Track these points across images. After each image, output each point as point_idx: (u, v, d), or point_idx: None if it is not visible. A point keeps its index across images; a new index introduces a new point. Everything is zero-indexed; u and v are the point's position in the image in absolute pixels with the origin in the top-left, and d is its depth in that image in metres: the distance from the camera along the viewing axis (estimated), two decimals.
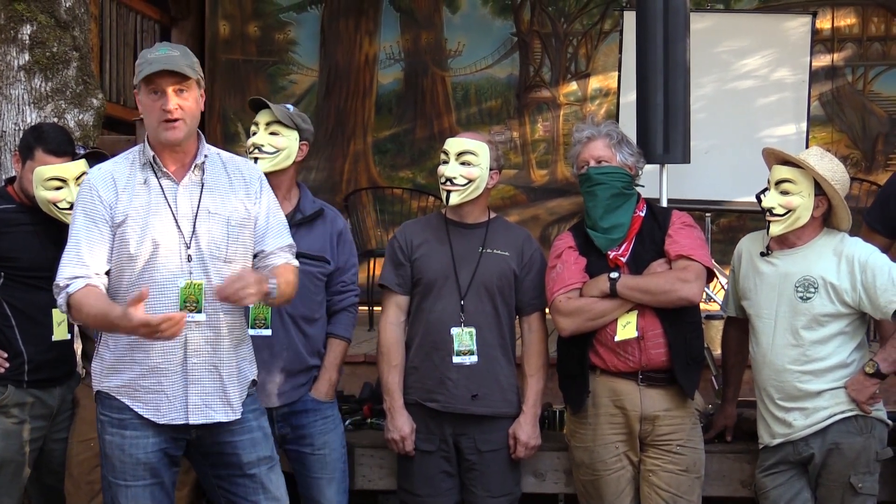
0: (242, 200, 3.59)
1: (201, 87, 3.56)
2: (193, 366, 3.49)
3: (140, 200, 3.51)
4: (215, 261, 3.51)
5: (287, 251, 3.68)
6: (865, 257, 4.04)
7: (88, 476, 4.24)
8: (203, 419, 3.52)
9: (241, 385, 3.60)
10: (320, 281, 4.23)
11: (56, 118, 5.07)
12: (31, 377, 4.20)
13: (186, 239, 3.50)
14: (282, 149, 4.19)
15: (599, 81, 8.93)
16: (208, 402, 3.52)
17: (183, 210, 3.52)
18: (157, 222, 3.49)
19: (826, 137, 8.57)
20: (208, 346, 3.51)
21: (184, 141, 3.51)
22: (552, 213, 8.97)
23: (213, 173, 3.60)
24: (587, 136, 4.23)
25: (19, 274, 4.17)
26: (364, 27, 9.12)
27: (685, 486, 4.14)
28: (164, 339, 3.29)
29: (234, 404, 3.56)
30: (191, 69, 3.48)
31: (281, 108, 4.24)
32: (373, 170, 9.12)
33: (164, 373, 3.48)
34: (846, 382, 4.05)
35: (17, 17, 5.13)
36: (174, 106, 3.44)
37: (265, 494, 3.63)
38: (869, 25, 8.70)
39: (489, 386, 4.22)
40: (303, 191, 4.32)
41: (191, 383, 3.50)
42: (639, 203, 4.24)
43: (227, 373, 3.54)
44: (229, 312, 3.54)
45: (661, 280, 4.07)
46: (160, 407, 3.50)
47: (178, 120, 3.46)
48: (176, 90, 3.46)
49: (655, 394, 4.12)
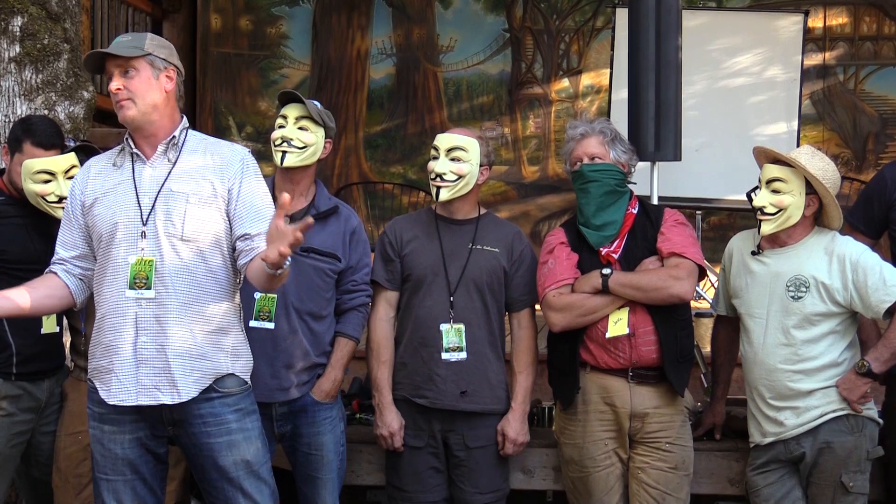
0: (211, 180, 3.55)
1: (162, 68, 3.57)
2: (143, 345, 3.46)
3: (110, 181, 3.58)
4: (171, 238, 3.48)
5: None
6: (857, 256, 4.05)
7: (76, 469, 4.22)
8: (150, 401, 3.47)
9: (201, 372, 3.51)
10: (330, 278, 4.18)
11: (47, 110, 5.05)
12: (19, 370, 4.18)
13: (144, 216, 3.51)
14: (310, 144, 4.16)
15: (591, 78, 8.94)
16: (157, 383, 3.47)
17: (146, 188, 3.54)
18: (120, 200, 3.54)
19: (817, 136, 8.58)
20: (157, 324, 3.47)
21: (140, 119, 3.54)
22: (543, 210, 8.98)
23: (188, 154, 3.60)
24: (581, 134, 4.23)
25: (8, 266, 4.14)
26: (356, 22, 9.11)
27: (674, 484, 4.14)
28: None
29: (182, 387, 3.47)
30: (134, 48, 3.53)
31: (312, 104, 4.21)
32: (364, 165, 9.11)
33: (116, 351, 3.48)
34: (837, 381, 4.06)
35: (7, 9, 5.11)
36: (115, 87, 3.52)
37: (245, 499, 3.59)
38: (861, 25, 8.72)
39: (478, 382, 4.22)
40: (319, 187, 4.29)
41: (140, 363, 3.47)
42: (631, 200, 4.25)
43: (174, 353, 3.47)
44: (184, 292, 3.49)
45: (653, 277, 4.07)
46: (111, 387, 3.49)
47: (126, 99, 3.52)
48: (121, 72, 3.53)
49: (645, 391, 4.12)
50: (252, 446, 3.61)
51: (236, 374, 3.60)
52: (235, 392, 3.59)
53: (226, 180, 3.57)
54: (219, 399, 3.55)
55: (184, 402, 3.49)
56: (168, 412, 3.51)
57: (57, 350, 4.37)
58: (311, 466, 4.19)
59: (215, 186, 3.55)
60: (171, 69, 3.61)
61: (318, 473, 4.19)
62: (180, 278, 3.46)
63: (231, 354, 3.60)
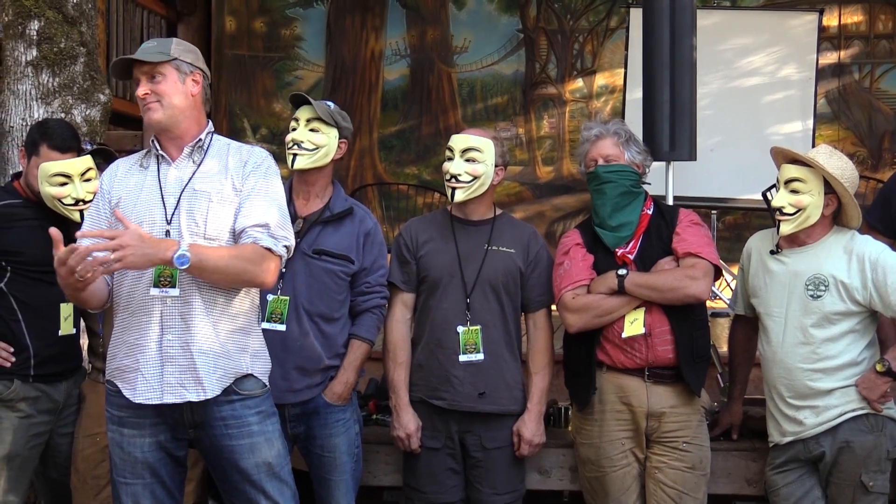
0: (232, 180, 3.58)
1: (188, 72, 3.62)
2: (168, 343, 3.47)
3: (135, 181, 3.61)
4: (195, 236, 3.49)
5: (260, 230, 3.52)
6: (876, 255, 4.03)
7: (94, 471, 4.24)
8: (176, 398, 3.48)
9: (224, 370, 3.51)
10: (342, 280, 4.17)
11: (63, 114, 5.07)
12: (37, 371, 4.20)
13: (168, 215, 3.52)
14: (321, 146, 4.16)
15: (605, 78, 8.93)
16: (182, 380, 3.48)
17: (170, 188, 3.56)
18: (145, 200, 3.56)
19: (832, 135, 8.57)
20: (182, 322, 3.48)
21: (166, 122, 3.57)
22: (557, 210, 8.98)
23: (212, 157, 3.63)
24: (595, 135, 4.23)
25: (25, 268, 4.17)
26: (370, 23, 9.13)
27: (691, 483, 4.14)
28: (71, 277, 3.26)
29: (207, 384, 3.48)
30: (160, 54, 3.57)
31: (322, 105, 4.21)
32: (378, 166, 9.12)
33: (141, 350, 3.48)
34: (857, 380, 4.04)
35: (25, 13, 5.14)
36: (143, 92, 3.56)
37: (267, 501, 3.59)
38: (876, 23, 8.69)
39: (495, 384, 4.22)
40: (336, 189, 4.29)
41: (166, 361, 3.48)
42: (646, 201, 4.25)
43: (198, 350, 3.47)
44: (209, 290, 3.50)
45: (670, 277, 4.07)
46: (136, 386, 3.50)
47: (154, 102, 3.56)
48: (148, 77, 3.57)
49: (662, 391, 4.12)
50: (273, 448, 3.62)
51: (255, 376, 3.61)
52: (256, 394, 3.60)
53: (241, 178, 3.59)
54: (240, 401, 3.56)
55: (206, 403, 3.50)
56: (189, 414, 3.52)
57: (74, 352, 4.39)
58: (325, 468, 4.20)
59: (234, 186, 3.57)
60: (198, 73, 3.65)
61: (331, 475, 4.19)
62: None
63: (252, 355, 3.61)
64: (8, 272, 4.17)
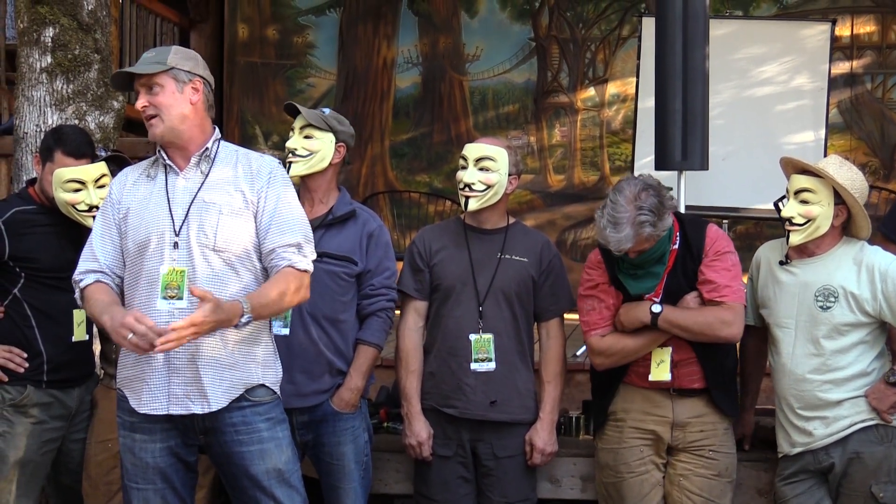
0: (243, 191, 3.58)
1: (187, 80, 3.59)
2: (175, 354, 3.46)
3: (142, 192, 3.61)
4: (203, 248, 3.50)
5: (293, 250, 3.57)
6: (886, 266, 4.03)
7: (106, 477, 4.25)
8: (181, 410, 3.50)
9: (231, 381, 3.52)
10: (345, 281, 4.17)
11: (77, 120, 5.09)
12: (50, 377, 4.22)
13: (176, 227, 3.53)
14: (315, 151, 4.18)
15: (617, 87, 8.92)
16: (188, 392, 3.50)
17: (179, 199, 3.56)
18: (152, 211, 3.56)
19: (844, 145, 8.54)
20: None
21: (168, 136, 3.58)
22: (569, 218, 8.97)
23: (220, 166, 3.62)
24: (626, 237, 3.85)
25: (39, 275, 4.18)
26: (382, 31, 9.14)
27: (717, 491, 4.13)
28: (144, 349, 3.33)
29: (212, 397, 3.49)
30: (156, 64, 3.56)
31: (313, 112, 4.23)
32: (390, 173, 9.13)
33: (148, 360, 3.49)
34: (867, 391, 4.04)
35: (39, 20, 5.16)
36: (142, 105, 3.57)
37: None
38: (889, 33, 8.67)
39: (507, 392, 4.22)
40: (341, 193, 4.30)
41: (173, 373, 3.49)
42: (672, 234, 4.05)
43: (204, 363, 3.48)
44: None
45: (702, 320, 4.00)
46: (142, 396, 3.51)
47: (153, 117, 3.57)
48: (146, 88, 3.58)
49: (688, 402, 4.12)
50: (283, 454, 3.62)
51: (266, 385, 3.62)
52: (266, 401, 3.61)
53: (255, 190, 3.59)
54: (250, 408, 3.56)
55: (214, 411, 3.51)
56: (200, 421, 3.53)
57: (87, 358, 4.40)
58: (334, 476, 4.20)
59: (246, 197, 3.57)
60: (197, 80, 3.62)
61: (339, 483, 4.19)
62: (212, 288, 3.45)
63: (262, 365, 3.62)
64: (22, 278, 4.18)
